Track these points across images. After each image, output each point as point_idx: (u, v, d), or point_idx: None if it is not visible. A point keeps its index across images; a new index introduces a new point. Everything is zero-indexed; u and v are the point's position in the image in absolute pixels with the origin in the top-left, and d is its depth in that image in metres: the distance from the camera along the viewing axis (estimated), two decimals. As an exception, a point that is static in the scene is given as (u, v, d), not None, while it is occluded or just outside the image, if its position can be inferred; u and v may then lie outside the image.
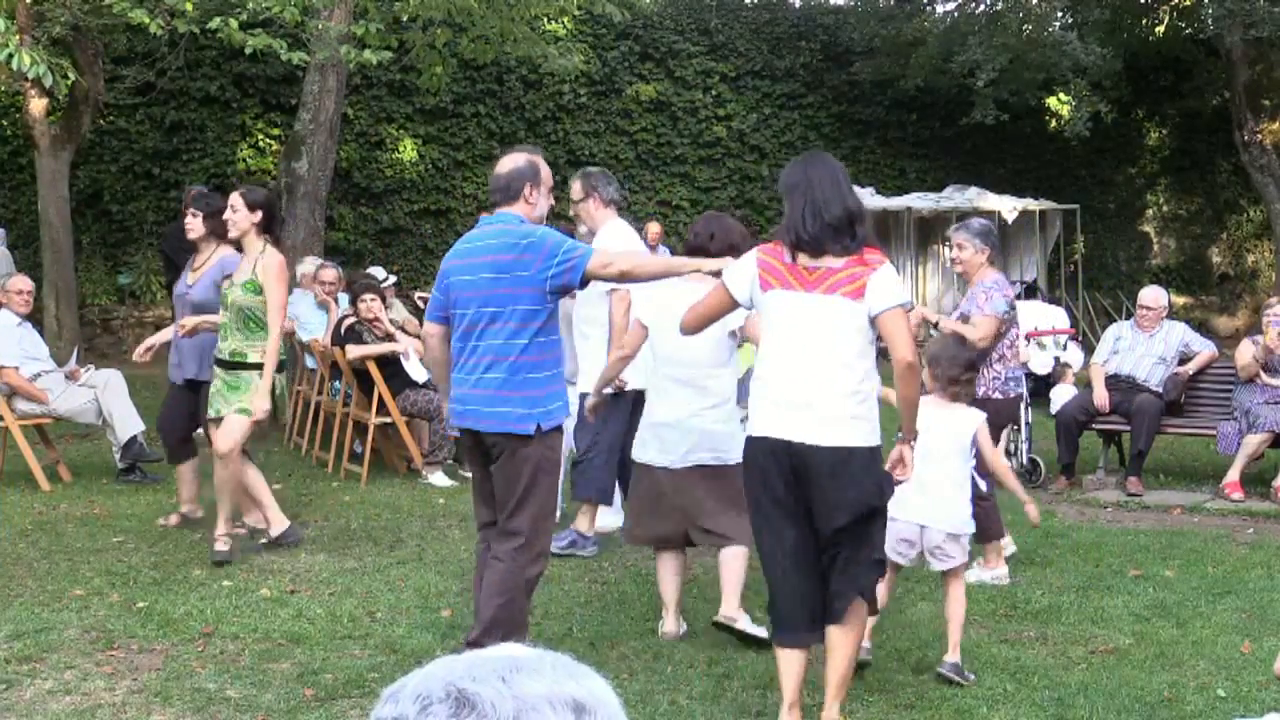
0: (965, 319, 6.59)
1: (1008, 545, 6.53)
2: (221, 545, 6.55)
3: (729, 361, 5.36)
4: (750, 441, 4.29)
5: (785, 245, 4.26)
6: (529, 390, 4.66)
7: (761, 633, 5.21)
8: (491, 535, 4.89)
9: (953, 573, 5.12)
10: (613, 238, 6.70)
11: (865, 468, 4.19)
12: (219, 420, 6.63)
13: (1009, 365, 6.65)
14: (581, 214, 6.98)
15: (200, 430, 7.30)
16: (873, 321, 4.19)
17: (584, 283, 4.80)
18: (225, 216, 6.69)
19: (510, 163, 4.90)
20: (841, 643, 4.27)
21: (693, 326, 4.54)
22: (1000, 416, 6.46)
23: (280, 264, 6.59)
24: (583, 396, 6.63)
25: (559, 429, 4.77)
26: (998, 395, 6.52)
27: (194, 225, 7.21)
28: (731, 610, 5.39)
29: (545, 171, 4.91)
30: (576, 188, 6.96)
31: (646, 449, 5.47)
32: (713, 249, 5.39)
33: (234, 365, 6.61)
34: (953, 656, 4.95)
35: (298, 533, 6.97)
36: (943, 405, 5.19)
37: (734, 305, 4.38)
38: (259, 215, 6.57)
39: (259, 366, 6.58)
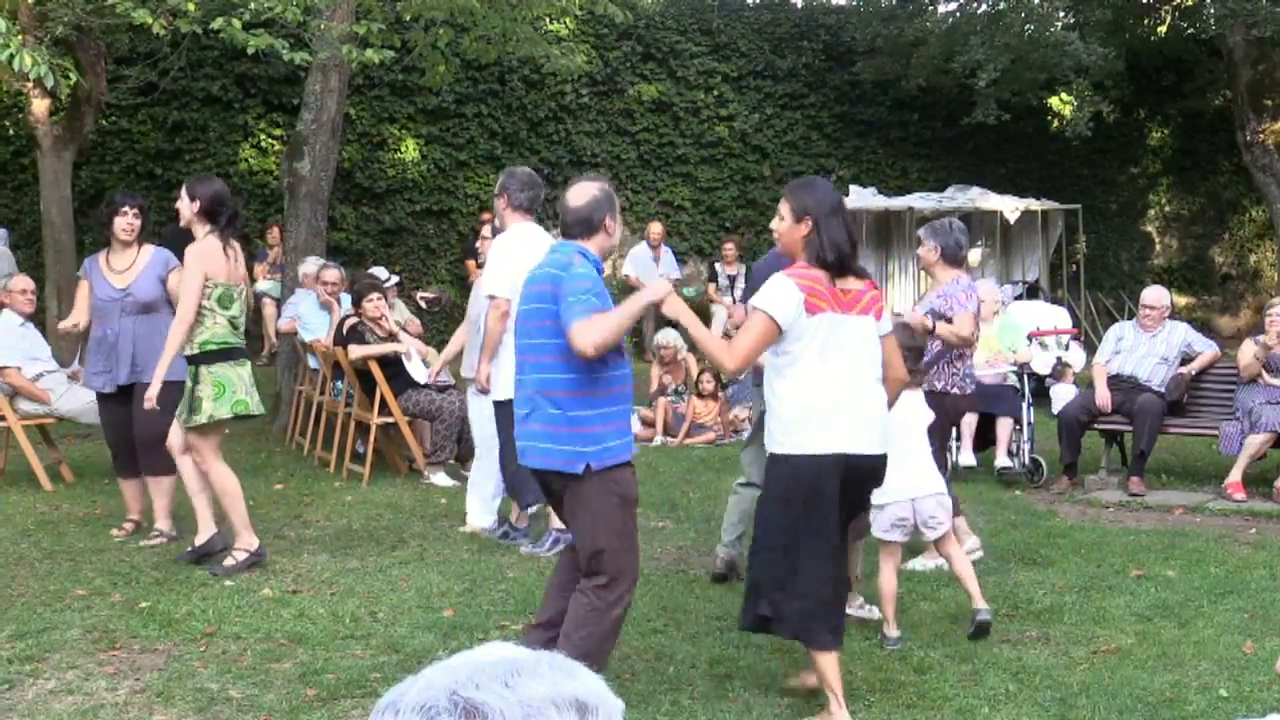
0: (940, 316, 6.66)
1: (975, 550, 6.60)
2: (239, 555, 6.45)
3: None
4: (817, 459, 4.39)
5: (821, 267, 4.45)
6: (575, 428, 4.42)
7: None
8: (571, 555, 4.83)
9: (944, 537, 5.56)
10: (502, 247, 6.78)
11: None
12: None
13: (967, 364, 6.74)
14: (496, 209, 7.07)
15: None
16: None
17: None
18: (178, 206, 6.59)
19: (585, 194, 4.66)
20: None
21: (743, 365, 4.64)
22: (954, 413, 6.83)
23: (202, 249, 6.36)
24: (496, 404, 6.80)
25: (623, 465, 4.53)
26: (955, 391, 6.68)
27: (135, 225, 7.09)
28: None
29: (615, 199, 4.77)
30: (498, 183, 7.02)
31: None
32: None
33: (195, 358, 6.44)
34: (981, 604, 5.39)
35: (217, 543, 6.61)
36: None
37: (779, 332, 4.44)
38: (197, 205, 6.43)
39: (214, 356, 6.37)
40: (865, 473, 4.49)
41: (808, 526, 4.40)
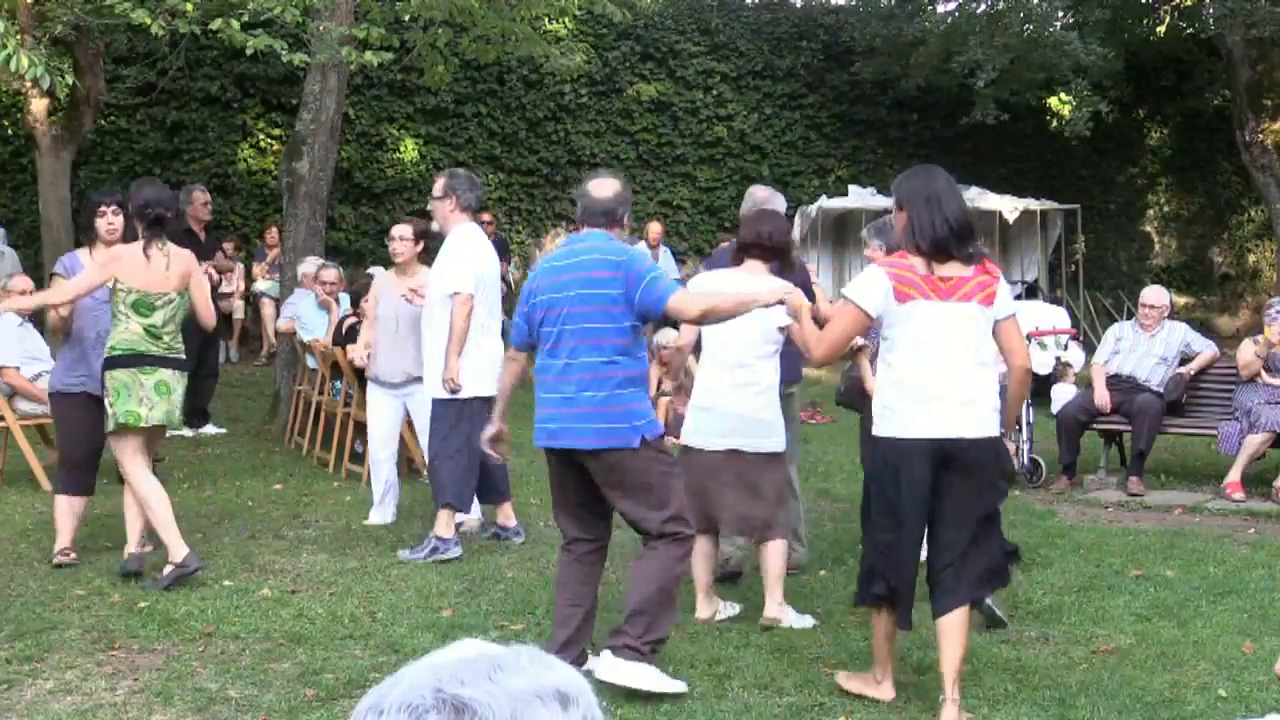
0: None
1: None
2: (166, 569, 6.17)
3: (774, 354, 5.60)
4: (897, 442, 4.46)
5: (917, 254, 4.48)
6: (627, 405, 4.67)
7: (808, 621, 5.55)
8: (581, 549, 4.92)
9: None
10: (455, 246, 6.85)
11: (1004, 454, 4.62)
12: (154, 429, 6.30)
13: None
14: (436, 211, 7.07)
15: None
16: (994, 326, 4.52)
17: (664, 317, 4.87)
18: None
19: (609, 187, 4.91)
20: (959, 630, 4.50)
21: (829, 353, 4.76)
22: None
23: (116, 252, 6.25)
24: (444, 402, 6.83)
25: (661, 435, 4.83)
26: None
27: (116, 225, 6.57)
28: (774, 611, 5.58)
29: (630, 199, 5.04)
30: (439, 185, 7.04)
31: (688, 432, 5.77)
32: (768, 243, 5.64)
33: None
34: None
35: (192, 562, 6.19)
36: None
37: (868, 321, 4.58)
38: (130, 210, 6.38)
39: (117, 361, 6.18)
40: (959, 455, 4.42)
41: (891, 507, 4.52)
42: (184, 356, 6.36)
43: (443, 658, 1.15)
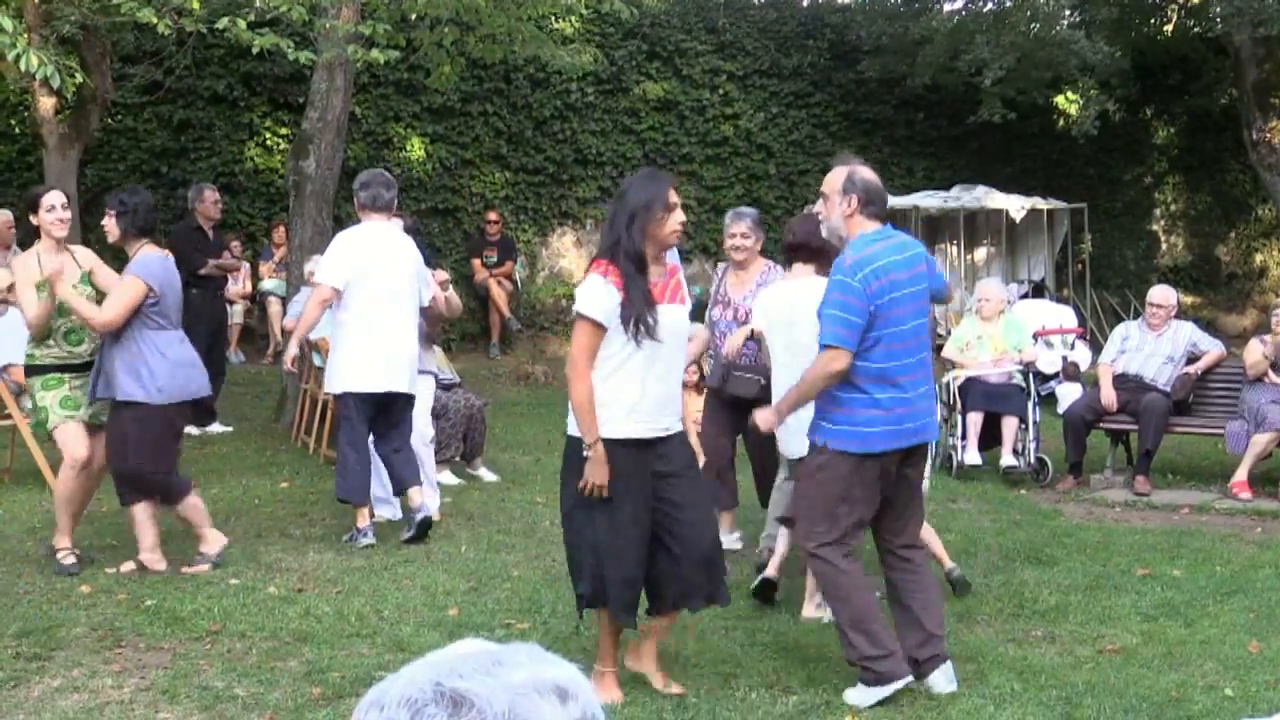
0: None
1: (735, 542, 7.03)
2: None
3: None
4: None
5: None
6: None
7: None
8: (894, 551, 4.84)
9: None
10: (343, 237, 7.17)
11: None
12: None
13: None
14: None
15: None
16: None
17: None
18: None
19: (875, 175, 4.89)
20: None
21: None
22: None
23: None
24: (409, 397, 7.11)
25: None
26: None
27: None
28: (812, 610, 5.74)
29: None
30: None
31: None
32: (814, 244, 5.82)
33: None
34: (951, 564, 6.06)
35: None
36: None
37: None
38: None
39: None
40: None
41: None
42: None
43: (443, 655, 1.16)
